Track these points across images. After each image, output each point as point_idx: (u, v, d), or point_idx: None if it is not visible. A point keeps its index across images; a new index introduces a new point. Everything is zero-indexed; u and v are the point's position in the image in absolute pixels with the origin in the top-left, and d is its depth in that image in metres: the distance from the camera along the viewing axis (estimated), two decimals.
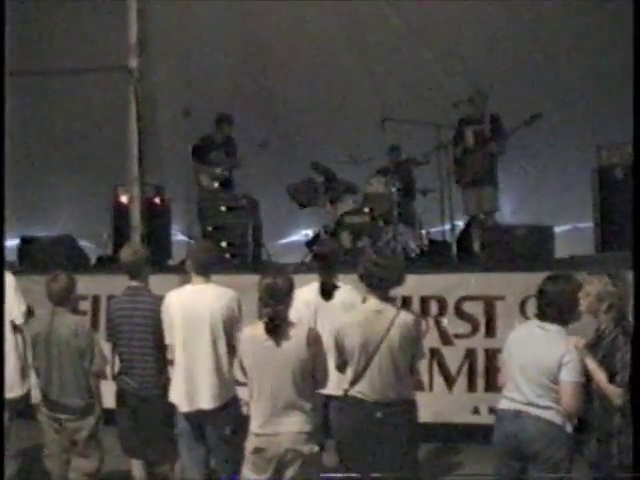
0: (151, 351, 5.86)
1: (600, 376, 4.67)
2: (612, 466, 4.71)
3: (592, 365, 4.69)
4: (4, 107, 6.81)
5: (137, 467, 6.12)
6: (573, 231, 10.56)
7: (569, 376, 4.64)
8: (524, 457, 4.76)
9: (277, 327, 4.81)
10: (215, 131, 10.08)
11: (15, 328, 6.47)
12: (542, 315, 4.84)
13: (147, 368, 5.90)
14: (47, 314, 6.03)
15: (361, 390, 4.85)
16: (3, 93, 6.72)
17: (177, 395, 5.62)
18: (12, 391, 6.34)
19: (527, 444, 4.72)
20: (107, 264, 9.53)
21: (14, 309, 6.48)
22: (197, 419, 5.56)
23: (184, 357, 5.58)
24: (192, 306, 5.56)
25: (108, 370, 7.70)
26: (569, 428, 4.71)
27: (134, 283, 6.04)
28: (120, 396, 6.09)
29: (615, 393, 4.61)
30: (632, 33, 5.46)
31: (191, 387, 5.54)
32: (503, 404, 4.93)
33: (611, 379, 4.65)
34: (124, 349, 6.04)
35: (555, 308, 4.77)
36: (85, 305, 8.29)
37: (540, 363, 4.70)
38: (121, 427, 6.13)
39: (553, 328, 4.76)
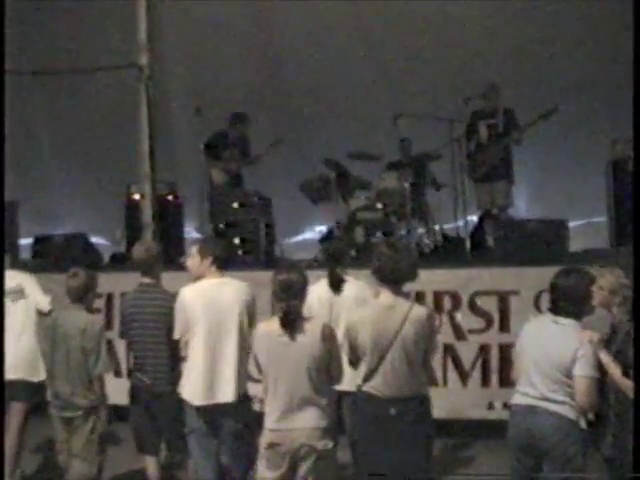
0: (164, 347, 5.87)
1: (614, 370, 4.66)
2: (628, 461, 4.66)
3: (606, 359, 4.68)
4: (4, 107, 6.84)
5: (151, 464, 6.14)
6: (588, 225, 10.51)
7: (583, 371, 4.62)
8: (538, 453, 4.75)
9: (292, 322, 4.80)
10: (229, 128, 10.08)
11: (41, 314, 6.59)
12: (555, 309, 4.81)
13: (160, 364, 5.92)
14: (58, 310, 6.06)
15: (375, 386, 4.82)
16: (3, 93, 6.74)
17: (191, 390, 5.63)
18: (36, 375, 6.47)
19: (541, 439, 4.70)
20: (121, 262, 9.54)
21: (38, 297, 6.66)
22: (212, 414, 5.57)
23: (205, 351, 5.58)
24: (215, 299, 5.60)
25: (123, 367, 7.79)
26: (583, 423, 4.69)
27: (146, 280, 6.06)
28: (134, 393, 6.11)
29: (629, 387, 4.59)
30: (632, 33, 5.40)
31: (210, 381, 5.55)
32: (516, 399, 4.91)
33: (625, 373, 4.63)
34: (137, 346, 6.07)
35: (568, 302, 4.75)
36: (99, 303, 8.28)
37: (554, 357, 4.68)
38: (135, 424, 6.15)
39: (567, 322, 4.74)
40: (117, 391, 6.64)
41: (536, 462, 4.78)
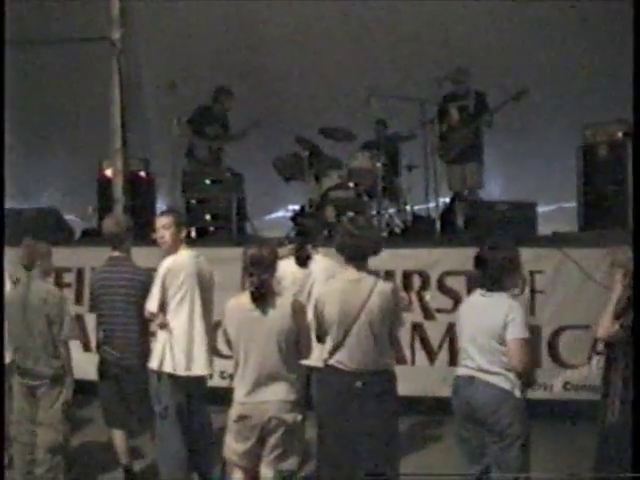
0: (133, 320, 5.90)
1: (607, 316, 4.92)
2: (627, 425, 4.83)
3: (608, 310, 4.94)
4: (4, 100, 6.81)
5: (119, 437, 6.16)
6: (558, 210, 10.61)
7: (513, 334, 4.74)
8: (478, 422, 4.87)
9: (263, 296, 4.85)
10: (213, 103, 10.05)
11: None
12: (482, 283, 4.94)
13: (129, 338, 5.95)
14: (21, 283, 6.04)
15: (340, 359, 4.89)
16: (3, 87, 6.72)
17: (175, 361, 5.67)
18: None
19: (478, 409, 4.82)
20: (92, 237, 9.51)
21: None
22: (189, 387, 5.63)
23: (188, 323, 5.68)
24: (197, 273, 5.74)
25: (93, 342, 7.77)
26: (517, 393, 4.78)
27: (116, 253, 6.07)
28: (102, 367, 6.13)
29: (612, 330, 4.86)
30: (632, 32, 5.45)
31: (190, 353, 5.64)
32: (458, 371, 5.06)
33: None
34: (106, 319, 6.08)
35: (494, 275, 4.86)
36: (69, 277, 8.31)
37: (487, 328, 4.81)
38: (103, 398, 6.18)
39: (495, 294, 4.86)
40: (87, 366, 6.68)
41: (478, 431, 4.88)
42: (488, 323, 4.81)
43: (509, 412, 4.77)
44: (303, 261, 5.99)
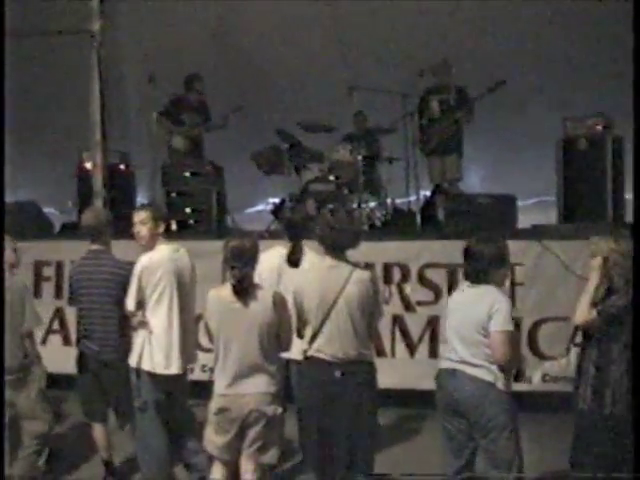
0: (112, 314, 5.86)
1: (584, 302, 4.89)
2: (604, 415, 4.86)
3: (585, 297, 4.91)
4: (4, 98, 6.79)
5: (99, 431, 6.15)
6: (538, 203, 10.66)
7: (496, 326, 4.75)
8: (461, 415, 4.87)
9: (244, 289, 4.84)
10: (187, 92, 10.01)
11: None
12: (469, 276, 4.97)
13: (108, 331, 5.91)
14: None
15: (319, 348, 4.89)
16: (3, 88, 6.69)
17: (152, 359, 5.64)
18: None
19: (462, 402, 4.82)
20: (72, 231, 9.48)
21: None
22: (168, 384, 5.61)
23: (167, 320, 5.63)
24: (176, 268, 5.66)
25: (73, 336, 7.75)
26: (500, 385, 4.79)
27: (95, 246, 6.03)
28: (81, 360, 6.09)
29: (589, 316, 4.85)
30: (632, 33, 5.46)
31: (170, 351, 5.60)
32: (441, 364, 5.07)
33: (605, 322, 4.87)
34: (85, 312, 6.04)
35: (481, 268, 4.87)
36: (49, 271, 8.28)
37: (472, 319, 4.82)
38: (82, 392, 6.15)
39: (481, 286, 4.87)
40: (67, 360, 6.65)
41: (463, 424, 4.89)
42: (473, 315, 4.82)
43: (492, 404, 4.77)
44: (297, 262, 5.92)
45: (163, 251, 5.73)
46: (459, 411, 4.86)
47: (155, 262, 5.67)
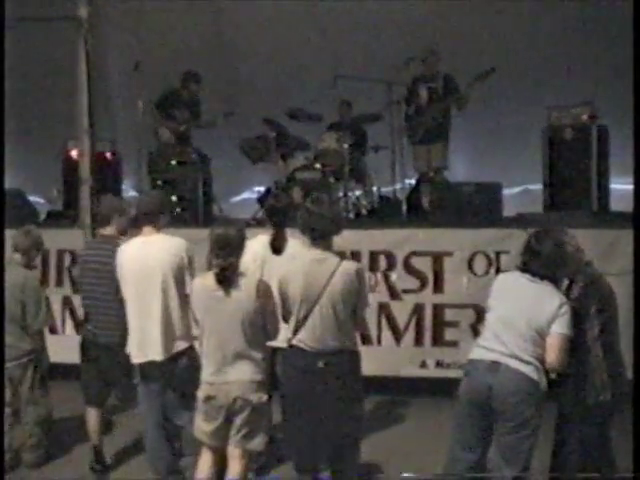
0: (113, 298, 5.85)
1: None
2: (587, 406, 4.84)
3: None
4: (4, 104, 6.76)
5: (92, 416, 6.18)
6: (523, 192, 10.71)
7: (562, 328, 4.63)
8: (493, 411, 4.69)
9: (228, 278, 4.84)
10: (182, 88, 9.99)
11: None
12: (530, 270, 4.77)
13: (109, 315, 5.94)
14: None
15: (303, 339, 4.89)
16: (3, 93, 6.67)
17: (131, 347, 5.67)
18: None
19: (501, 397, 4.64)
20: (57, 219, 9.47)
21: None
22: (149, 370, 5.60)
23: (136, 309, 5.61)
24: (142, 257, 5.57)
25: (58, 325, 7.80)
26: (543, 386, 4.69)
27: (104, 231, 6.09)
28: (83, 346, 6.18)
29: None
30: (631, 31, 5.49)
31: (143, 339, 5.58)
32: (477, 354, 4.82)
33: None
34: (88, 298, 6.12)
35: (546, 266, 4.72)
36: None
37: (533, 315, 4.65)
38: (84, 377, 6.21)
39: (545, 283, 4.73)
40: (53, 348, 6.67)
41: (488, 420, 4.74)
42: (534, 311, 4.65)
43: (532, 405, 4.65)
44: (280, 249, 5.91)
45: (136, 241, 5.72)
46: (490, 406, 4.69)
47: (121, 253, 5.69)
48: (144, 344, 5.57)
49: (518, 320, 4.68)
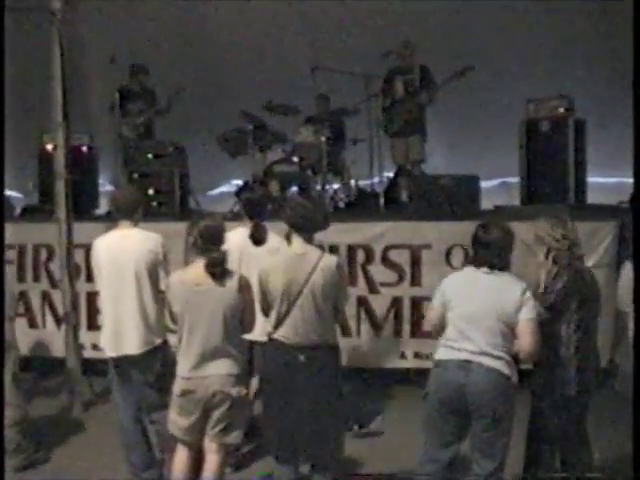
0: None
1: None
2: (554, 397, 4.92)
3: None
4: (4, 103, 6.69)
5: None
6: (501, 184, 10.74)
7: (530, 313, 4.62)
8: (467, 410, 4.66)
9: (220, 272, 4.83)
10: (130, 82, 9.94)
11: None
12: (482, 262, 4.76)
13: None
14: None
15: (283, 334, 4.88)
16: (3, 94, 6.60)
17: (104, 341, 5.65)
18: None
19: (476, 395, 4.60)
20: (33, 213, 9.41)
21: None
22: (123, 364, 5.58)
23: (110, 303, 5.59)
24: (116, 251, 5.56)
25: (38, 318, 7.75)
26: (515, 379, 4.67)
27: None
28: None
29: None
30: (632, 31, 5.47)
31: (117, 333, 5.55)
32: (445, 354, 4.76)
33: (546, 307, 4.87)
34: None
35: (496, 255, 4.72)
36: (11, 254, 8.19)
37: (497, 308, 4.63)
38: None
39: (502, 273, 4.73)
40: (32, 342, 6.64)
41: (461, 417, 4.71)
42: (498, 303, 4.63)
43: (506, 400, 4.62)
44: (260, 240, 5.89)
45: (111, 235, 5.69)
46: (463, 405, 4.65)
47: (96, 247, 5.67)
48: (118, 338, 5.56)
49: (484, 315, 4.64)
